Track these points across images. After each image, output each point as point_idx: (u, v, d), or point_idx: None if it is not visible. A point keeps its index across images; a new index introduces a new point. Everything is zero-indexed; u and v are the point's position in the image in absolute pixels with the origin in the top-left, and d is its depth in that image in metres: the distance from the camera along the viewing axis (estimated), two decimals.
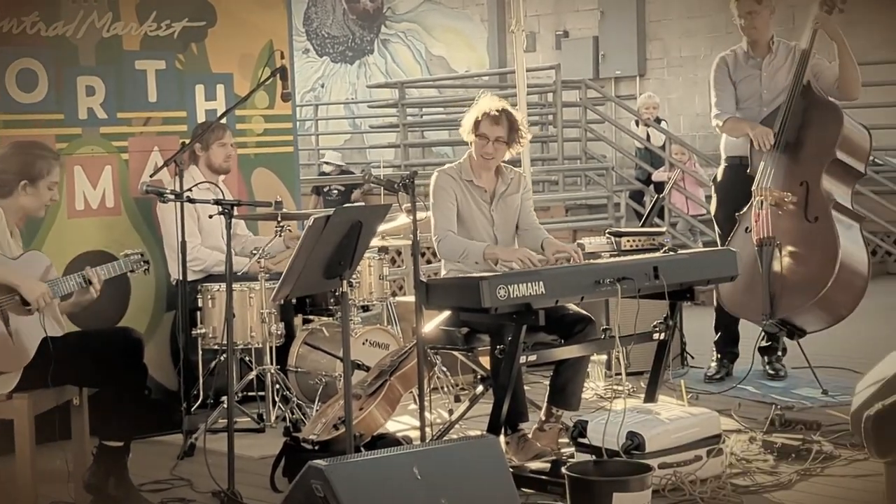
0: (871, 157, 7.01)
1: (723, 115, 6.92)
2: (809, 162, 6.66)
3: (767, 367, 7.07)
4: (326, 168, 15.16)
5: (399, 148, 14.99)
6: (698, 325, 7.66)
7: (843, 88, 6.74)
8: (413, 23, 18.18)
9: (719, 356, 7.16)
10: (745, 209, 6.76)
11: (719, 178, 7.10)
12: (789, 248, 6.61)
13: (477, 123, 5.67)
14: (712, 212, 7.20)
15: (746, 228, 6.74)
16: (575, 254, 5.61)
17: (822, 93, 6.77)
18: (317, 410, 5.92)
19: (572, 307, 5.54)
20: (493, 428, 5.18)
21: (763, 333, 6.93)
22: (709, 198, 7.35)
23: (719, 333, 7.18)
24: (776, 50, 6.91)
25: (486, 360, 5.41)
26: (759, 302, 6.62)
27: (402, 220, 6.67)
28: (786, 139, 6.65)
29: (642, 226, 8.29)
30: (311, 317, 6.74)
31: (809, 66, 6.74)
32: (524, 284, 4.92)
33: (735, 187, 6.87)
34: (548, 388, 5.66)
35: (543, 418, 5.60)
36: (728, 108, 6.92)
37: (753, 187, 6.69)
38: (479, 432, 5.46)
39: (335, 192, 14.19)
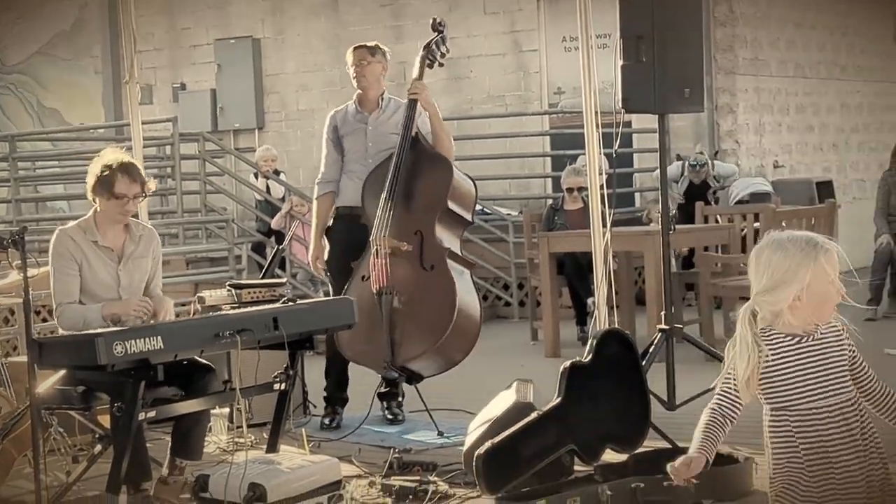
0: (477, 206, 7.33)
1: (322, 186, 7.18)
2: (422, 212, 6.87)
3: (386, 412, 7.24)
4: None
5: (11, 203, 14.43)
6: (320, 374, 7.78)
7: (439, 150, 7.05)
8: (24, 74, 17.60)
9: (331, 403, 7.27)
10: (360, 258, 6.93)
11: (332, 228, 7.23)
12: (408, 296, 6.77)
13: (112, 183, 5.50)
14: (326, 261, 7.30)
15: (363, 277, 6.89)
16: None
17: (431, 145, 7.04)
18: None
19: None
20: (113, 487, 5.07)
21: (382, 380, 7.12)
22: None
23: (329, 380, 7.29)
24: (385, 106, 7.14)
25: (105, 419, 5.30)
26: (380, 350, 6.78)
27: (14, 277, 6.43)
28: (399, 190, 6.86)
29: (263, 277, 8.32)
30: None
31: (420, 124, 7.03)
32: (142, 340, 4.86)
33: (348, 237, 7.03)
34: (170, 438, 5.60)
35: (167, 471, 5.53)
36: (330, 177, 7.16)
37: (371, 237, 6.84)
38: (97, 492, 5.35)
39: None
